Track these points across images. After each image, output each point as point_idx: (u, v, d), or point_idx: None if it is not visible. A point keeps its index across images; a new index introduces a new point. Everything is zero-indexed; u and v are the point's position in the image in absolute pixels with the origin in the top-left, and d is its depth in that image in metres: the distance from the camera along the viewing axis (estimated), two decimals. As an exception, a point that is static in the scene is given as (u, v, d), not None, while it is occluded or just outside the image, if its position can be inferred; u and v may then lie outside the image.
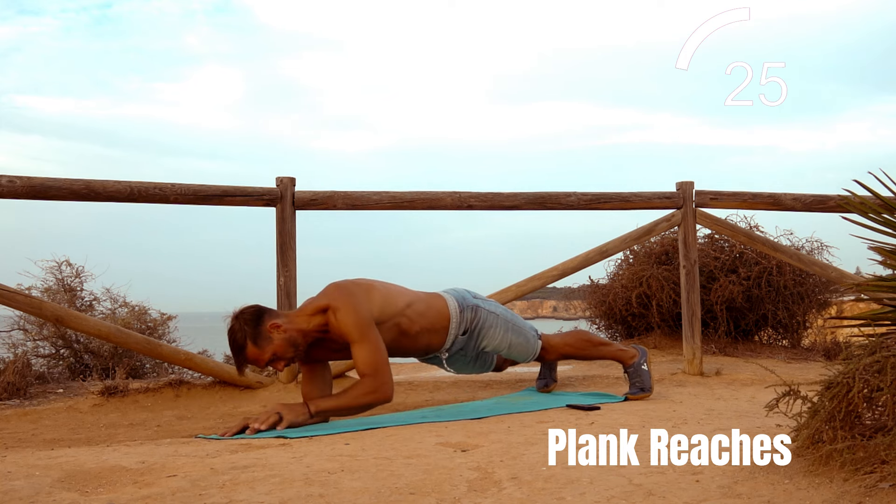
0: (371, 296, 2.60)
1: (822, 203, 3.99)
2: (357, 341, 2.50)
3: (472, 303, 2.85)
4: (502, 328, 2.86)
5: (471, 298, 2.88)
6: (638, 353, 3.01)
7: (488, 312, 2.86)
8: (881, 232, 1.81)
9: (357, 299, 2.55)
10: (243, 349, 2.48)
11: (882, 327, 1.75)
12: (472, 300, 2.87)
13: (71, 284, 4.34)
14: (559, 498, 1.50)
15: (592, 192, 3.88)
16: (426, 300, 2.78)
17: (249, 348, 2.47)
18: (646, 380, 2.94)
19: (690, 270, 3.91)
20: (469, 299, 2.86)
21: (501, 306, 2.99)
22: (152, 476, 1.72)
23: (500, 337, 2.86)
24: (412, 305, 2.71)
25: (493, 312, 2.87)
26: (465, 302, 2.83)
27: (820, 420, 1.59)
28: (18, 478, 1.68)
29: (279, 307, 3.48)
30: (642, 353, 3.02)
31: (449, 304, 2.79)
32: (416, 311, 2.70)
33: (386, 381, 2.51)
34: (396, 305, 2.66)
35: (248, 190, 3.51)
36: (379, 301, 2.61)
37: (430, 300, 2.79)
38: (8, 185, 3.09)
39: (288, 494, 1.54)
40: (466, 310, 2.81)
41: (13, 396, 3.28)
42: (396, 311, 2.65)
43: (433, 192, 3.71)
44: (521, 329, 2.92)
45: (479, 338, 2.84)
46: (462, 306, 2.81)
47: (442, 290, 2.91)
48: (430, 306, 2.76)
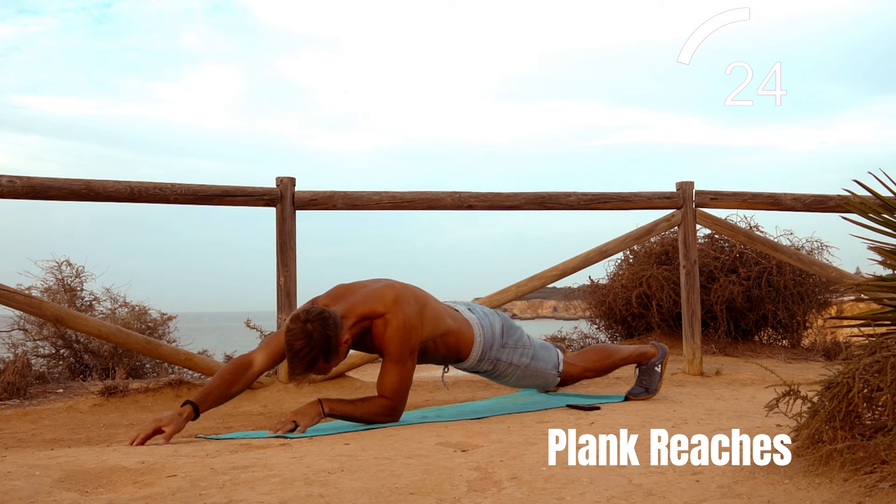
0: (423, 314, 2.48)
1: (822, 203, 3.99)
2: (395, 362, 2.41)
3: (494, 356, 2.71)
4: (519, 375, 2.79)
5: (497, 347, 2.71)
6: (657, 352, 2.95)
7: (507, 365, 2.74)
8: (881, 232, 1.81)
9: (412, 320, 2.42)
10: (316, 362, 2.29)
11: (882, 327, 1.75)
12: (496, 351, 2.70)
13: (71, 284, 4.34)
14: (559, 498, 1.50)
15: (592, 192, 3.88)
16: (457, 332, 2.63)
17: (320, 363, 2.30)
18: (654, 382, 2.91)
19: (690, 270, 3.91)
20: (495, 348, 2.70)
21: (532, 342, 2.83)
22: (152, 476, 1.72)
23: (513, 381, 2.82)
24: (447, 335, 2.59)
25: (513, 364, 2.75)
26: (489, 352, 2.69)
27: (820, 420, 1.59)
28: (18, 478, 1.68)
29: (279, 307, 3.49)
30: (661, 353, 2.95)
31: (474, 344, 2.66)
32: (446, 342, 2.60)
33: (402, 407, 2.46)
34: (437, 330, 2.55)
35: (248, 190, 3.52)
36: (429, 322, 2.50)
37: (462, 331, 2.64)
38: (8, 185, 3.09)
39: (288, 494, 1.54)
40: (485, 361, 2.70)
41: (13, 396, 3.28)
42: (436, 335, 2.55)
43: (433, 192, 3.71)
44: (539, 372, 2.82)
45: (491, 376, 2.81)
46: (484, 354, 2.68)
47: (479, 314, 2.74)
48: (459, 338, 2.63)
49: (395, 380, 2.41)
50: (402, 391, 2.44)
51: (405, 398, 2.47)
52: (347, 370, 3.58)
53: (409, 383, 2.45)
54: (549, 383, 2.90)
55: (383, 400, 2.43)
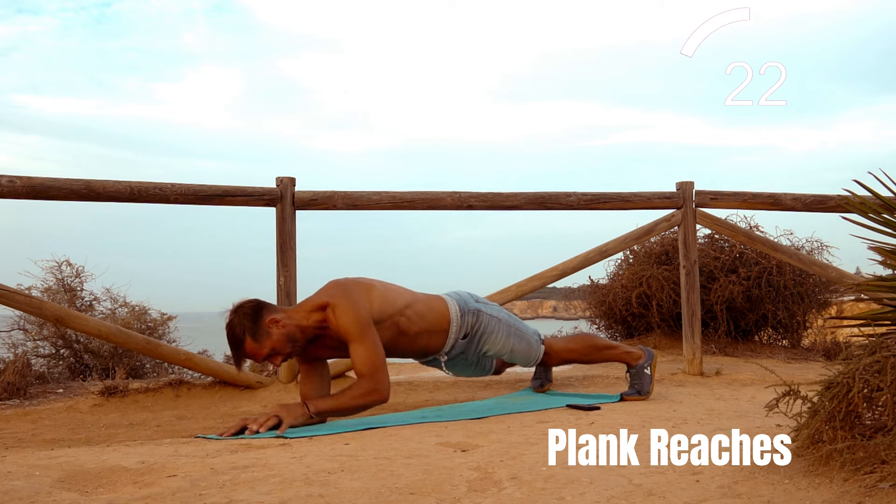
0: (370, 295, 2.59)
1: (822, 203, 3.99)
2: (355, 341, 2.50)
3: (474, 307, 2.82)
4: (504, 333, 2.84)
5: (472, 302, 2.85)
6: (644, 355, 2.98)
7: (490, 317, 2.83)
8: (881, 232, 1.81)
9: (356, 298, 2.55)
10: (242, 343, 2.47)
11: (882, 327, 1.75)
12: (473, 304, 2.84)
13: (71, 284, 4.34)
14: (559, 498, 1.50)
15: (592, 192, 3.88)
16: (426, 301, 2.76)
17: (248, 343, 2.47)
18: (645, 383, 2.92)
19: (690, 270, 3.91)
20: (471, 303, 2.84)
21: (504, 310, 2.96)
22: (152, 476, 1.72)
23: (501, 342, 2.84)
24: (412, 306, 2.70)
25: (495, 317, 2.84)
26: (466, 306, 2.81)
27: (820, 420, 1.59)
28: (18, 478, 1.68)
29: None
30: (648, 355, 2.98)
31: (450, 307, 2.78)
32: (415, 311, 2.69)
33: (383, 381, 2.51)
34: (395, 305, 2.65)
35: (248, 190, 3.51)
36: (378, 300, 2.60)
37: (431, 302, 2.77)
38: (8, 185, 3.09)
39: (288, 494, 1.54)
40: (468, 314, 2.79)
41: (13, 396, 3.27)
42: (395, 311, 2.64)
43: (433, 192, 3.71)
44: (523, 334, 2.90)
45: (480, 342, 2.83)
46: (463, 310, 2.79)
47: (444, 292, 2.89)
48: (430, 308, 2.74)
49: (363, 355, 2.49)
50: (375, 364, 2.50)
51: (382, 372, 2.51)
52: (347, 370, 3.58)
53: (379, 356, 2.51)
54: (534, 350, 2.93)
55: (362, 380, 2.50)
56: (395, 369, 4.28)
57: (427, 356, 2.82)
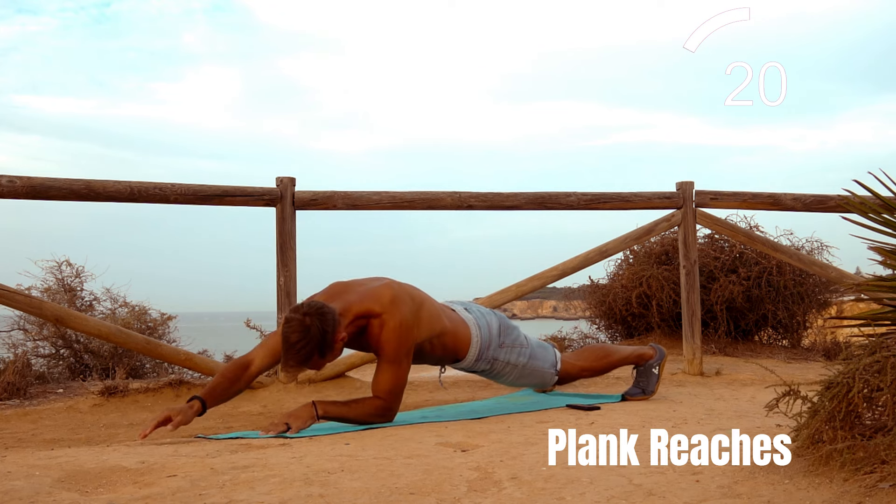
0: (420, 316, 2.47)
1: (822, 203, 3.99)
2: (389, 361, 2.40)
3: (492, 356, 2.71)
4: (516, 375, 2.79)
5: (495, 347, 2.70)
6: (655, 354, 2.95)
7: (505, 364, 2.74)
8: (881, 232, 1.81)
9: (409, 322, 2.41)
10: (311, 357, 2.27)
11: (882, 327, 1.75)
12: (493, 351, 2.70)
13: (71, 284, 4.34)
14: (559, 498, 1.50)
15: (592, 192, 3.88)
16: (454, 332, 2.62)
17: (315, 358, 2.28)
18: (651, 383, 2.91)
19: (690, 270, 3.91)
20: (492, 348, 2.69)
21: (529, 341, 2.82)
22: (152, 476, 1.72)
23: (510, 380, 2.82)
24: (443, 336, 2.58)
25: (510, 364, 2.75)
26: (486, 352, 2.69)
27: (820, 420, 1.59)
28: (18, 478, 1.68)
29: (279, 307, 3.48)
30: (660, 354, 2.95)
31: (472, 344, 2.65)
32: (442, 342, 2.59)
33: (396, 408, 2.45)
34: (434, 331, 2.55)
35: (248, 190, 3.52)
36: (426, 323, 2.49)
37: (458, 331, 2.63)
38: (8, 185, 3.09)
39: (288, 494, 1.54)
40: (482, 361, 2.70)
41: (13, 396, 3.28)
42: (431, 335, 2.54)
43: (433, 192, 3.71)
44: (536, 371, 2.82)
45: (489, 375, 2.81)
46: (481, 354, 2.68)
47: (476, 314, 2.73)
48: (456, 338, 2.62)
49: (389, 380, 2.41)
50: (396, 392, 2.43)
51: (399, 399, 2.46)
52: (347, 370, 3.57)
53: (403, 384, 2.45)
54: (546, 382, 2.90)
55: (377, 401, 2.42)
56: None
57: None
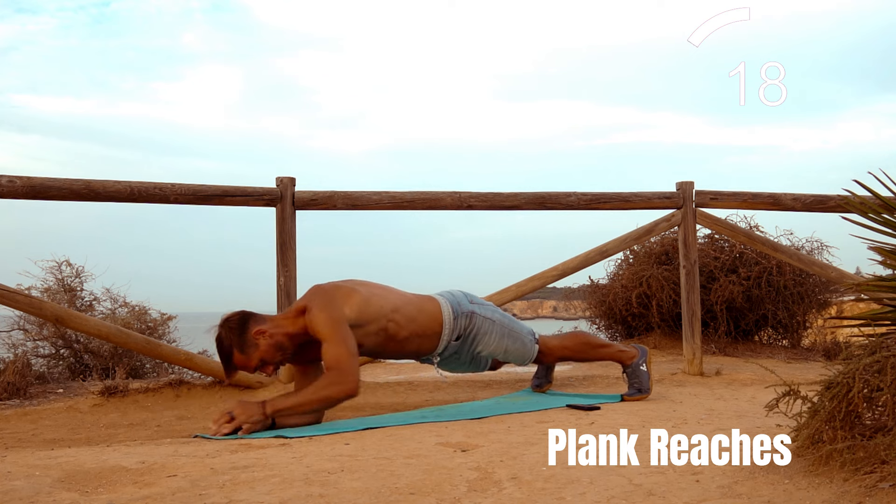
0: (351, 299, 2.57)
1: (822, 203, 3.99)
2: (326, 339, 2.49)
3: (468, 309, 2.80)
4: (498, 334, 2.82)
5: (466, 304, 2.82)
6: (637, 353, 2.97)
7: (483, 318, 2.81)
8: (881, 232, 1.82)
9: (330, 300, 2.54)
10: (231, 357, 2.50)
11: (882, 327, 1.75)
12: (467, 306, 2.81)
13: (71, 284, 4.34)
14: (559, 498, 1.50)
15: (592, 192, 3.88)
16: (417, 304, 2.73)
17: (236, 356, 2.49)
18: (644, 381, 2.92)
19: (690, 270, 3.91)
20: (464, 304, 2.81)
21: (499, 310, 2.94)
22: (152, 476, 1.72)
23: (495, 343, 2.83)
24: (400, 310, 2.66)
25: (489, 318, 2.82)
26: (459, 308, 2.78)
27: (820, 420, 1.59)
28: (18, 478, 1.68)
29: (279, 307, 3.49)
30: (642, 353, 2.99)
31: (443, 309, 2.75)
32: (404, 315, 2.66)
33: (348, 373, 2.46)
34: (381, 309, 2.62)
35: (248, 190, 3.51)
36: (358, 304, 2.57)
37: (423, 304, 2.74)
38: (8, 185, 3.09)
39: (288, 494, 1.54)
40: (461, 317, 2.77)
41: (13, 396, 3.27)
42: (380, 315, 2.61)
43: (433, 192, 3.70)
44: (517, 334, 2.88)
45: (473, 343, 2.81)
46: (457, 312, 2.77)
47: (437, 292, 2.86)
48: (421, 310, 2.72)
49: (332, 352, 2.48)
50: (339, 357, 2.47)
51: (349, 365, 2.47)
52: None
53: (346, 350, 2.48)
54: (528, 350, 2.91)
55: (328, 373, 2.48)
56: (396, 369, 4.28)
57: (419, 357, 2.81)
